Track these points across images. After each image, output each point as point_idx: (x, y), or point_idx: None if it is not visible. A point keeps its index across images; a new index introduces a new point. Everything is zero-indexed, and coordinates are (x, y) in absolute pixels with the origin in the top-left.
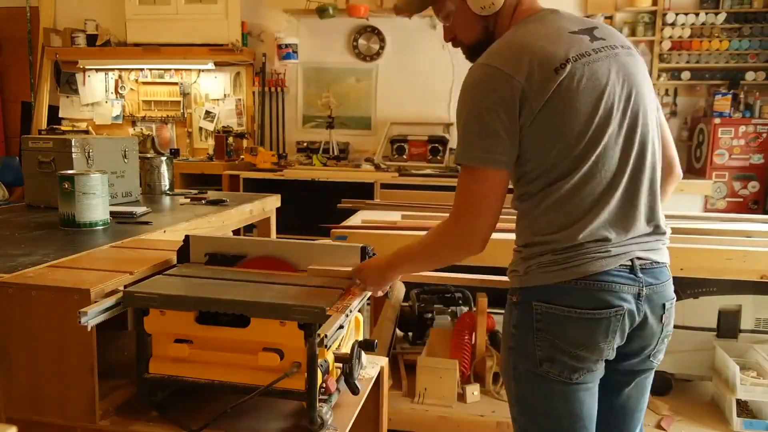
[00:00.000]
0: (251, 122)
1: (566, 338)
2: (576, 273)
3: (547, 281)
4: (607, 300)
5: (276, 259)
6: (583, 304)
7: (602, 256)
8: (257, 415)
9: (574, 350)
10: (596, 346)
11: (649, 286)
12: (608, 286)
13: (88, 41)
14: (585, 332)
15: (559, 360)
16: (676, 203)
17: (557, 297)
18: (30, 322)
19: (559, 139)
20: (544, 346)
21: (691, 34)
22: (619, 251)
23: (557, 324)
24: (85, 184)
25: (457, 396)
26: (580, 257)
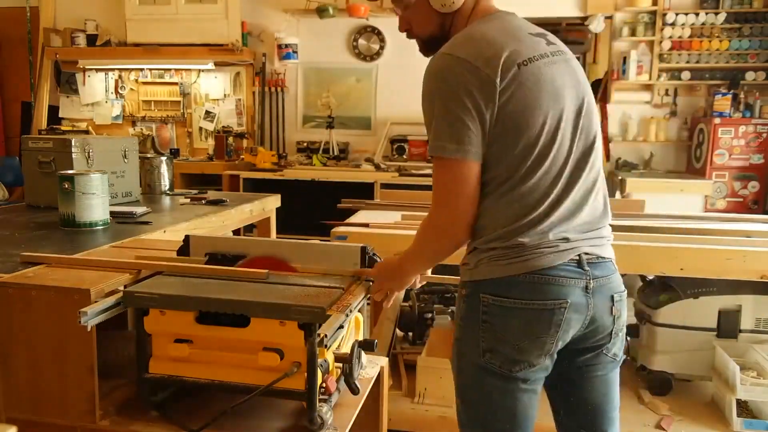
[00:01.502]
0: (251, 122)
1: (509, 329)
2: (524, 267)
3: (496, 274)
4: (552, 292)
5: (276, 259)
6: (529, 296)
7: (551, 251)
8: (257, 415)
9: (517, 341)
10: (538, 338)
11: (596, 279)
12: (554, 279)
13: (88, 41)
14: (528, 323)
15: (500, 351)
16: (677, 203)
17: (504, 289)
18: (30, 322)
19: (518, 135)
20: (487, 338)
21: (691, 34)
22: (568, 246)
23: (502, 315)
24: (85, 184)
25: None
26: (528, 252)
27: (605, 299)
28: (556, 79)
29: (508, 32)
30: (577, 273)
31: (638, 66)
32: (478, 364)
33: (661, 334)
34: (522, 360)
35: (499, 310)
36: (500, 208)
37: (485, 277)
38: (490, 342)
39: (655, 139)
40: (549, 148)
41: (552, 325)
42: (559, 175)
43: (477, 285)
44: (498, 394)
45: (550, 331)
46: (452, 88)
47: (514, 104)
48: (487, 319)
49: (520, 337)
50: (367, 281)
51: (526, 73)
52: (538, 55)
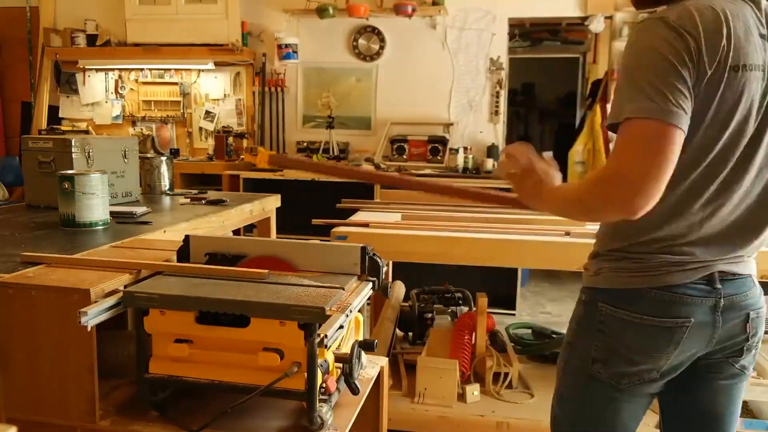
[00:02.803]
0: (251, 122)
1: (624, 342)
2: (648, 281)
3: (618, 285)
4: (675, 310)
5: (276, 259)
6: (650, 311)
7: (680, 268)
8: (257, 415)
9: (630, 355)
10: (653, 354)
11: (727, 297)
12: (679, 297)
13: (88, 41)
14: (646, 339)
15: (611, 363)
16: None
17: (624, 301)
18: (30, 322)
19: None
20: (600, 347)
21: None
22: (700, 264)
23: (619, 327)
24: (85, 184)
25: (457, 396)
26: (657, 267)
27: (738, 317)
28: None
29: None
30: (706, 291)
31: None
32: (586, 371)
33: None
34: (633, 373)
35: (616, 321)
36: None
37: (605, 286)
38: (602, 352)
39: None
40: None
41: (671, 343)
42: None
43: (596, 292)
44: (600, 404)
45: (668, 348)
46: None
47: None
48: (603, 329)
49: (634, 351)
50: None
51: (733, 78)
52: (754, 64)
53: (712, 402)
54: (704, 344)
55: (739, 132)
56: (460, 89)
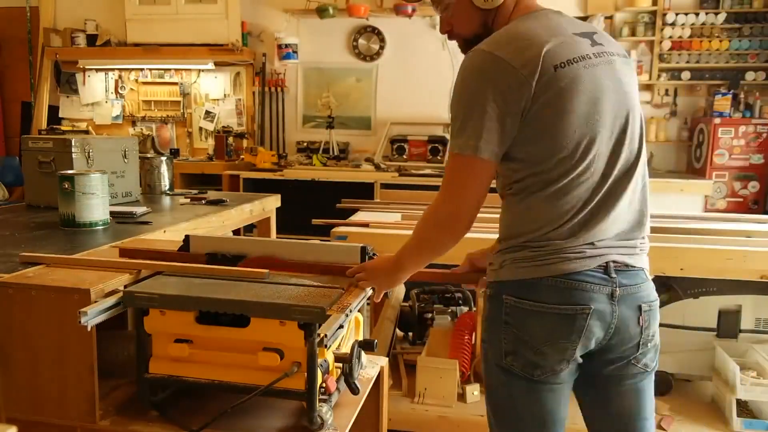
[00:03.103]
0: (251, 122)
1: (531, 333)
2: (549, 271)
3: (519, 276)
4: (575, 298)
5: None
6: (552, 299)
7: (577, 257)
8: (257, 415)
9: (538, 345)
10: (559, 342)
11: (623, 287)
12: (579, 285)
13: (88, 41)
14: (550, 328)
15: (522, 354)
16: (677, 203)
17: (526, 292)
18: (30, 322)
19: (552, 139)
20: (509, 340)
21: (691, 34)
22: (595, 253)
23: (524, 318)
24: (85, 184)
25: (457, 396)
26: (554, 256)
27: (632, 308)
28: (597, 83)
29: (551, 32)
30: (603, 280)
31: (638, 66)
32: (501, 365)
33: (661, 334)
34: (543, 365)
35: (521, 312)
36: (530, 211)
37: (508, 278)
38: (512, 344)
39: (655, 139)
40: (584, 154)
41: (574, 330)
42: (593, 182)
43: (501, 286)
44: (522, 396)
45: (572, 336)
46: (483, 86)
47: (548, 107)
48: (509, 321)
49: (540, 341)
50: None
51: (562, 76)
52: (578, 56)
53: (623, 403)
54: (603, 333)
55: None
56: None
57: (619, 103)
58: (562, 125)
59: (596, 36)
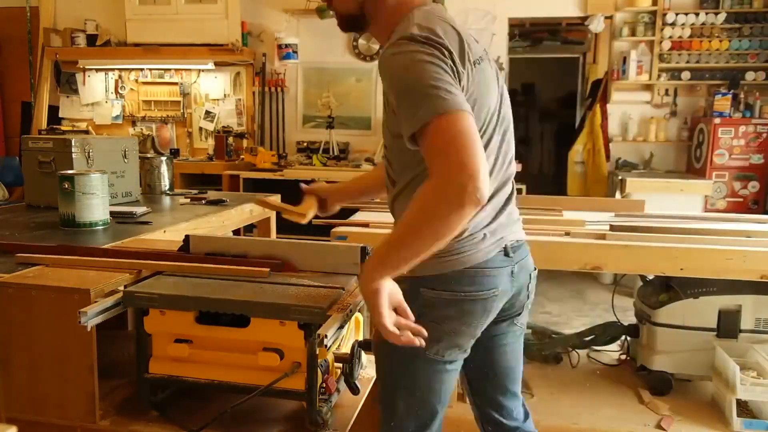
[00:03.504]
0: (251, 122)
1: (446, 319)
2: (460, 263)
3: (436, 271)
4: (486, 283)
5: (276, 259)
6: (466, 288)
7: (485, 246)
8: (257, 415)
9: (452, 330)
10: (472, 324)
11: (518, 263)
12: (488, 271)
13: (88, 41)
14: (464, 312)
15: (436, 339)
16: (677, 203)
17: (442, 284)
18: (30, 322)
19: None
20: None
21: (691, 34)
22: (496, 238)
23: (439, 307)
24: (85, 184)
25: (457, 396)
26: (463, 249)
27: (525, 278)
28: (492, 80)
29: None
30: (506, 261)
31: (638, 66)
32: (412, 353)
33: (661, 334)
34: (455, 346)
35: (436, 302)
36: None
37: (423, 274)
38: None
39: (655, 139)
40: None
41: (485, 311)
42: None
43: (415, 281)
44: (426, 378)
45: (482, 317)
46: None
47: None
48: (425, 312)
49: (456, 325)
50: None
51: (478, 72)
52: (481, 56)
53: (504, 358)
54: (503, 306)
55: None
56: None
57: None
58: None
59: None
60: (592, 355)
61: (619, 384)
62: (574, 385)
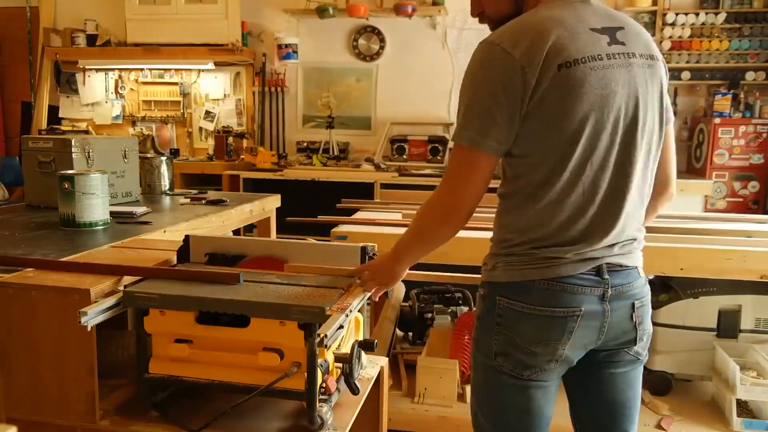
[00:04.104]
0: (251, 122)
1: (522, 334)
2: (542, 274)
3: (512, 278)
4: (566, 300)
5: (276, 259)
6: (543, 302)
7: (570, 261)
8: (257, 415)
9: (529, 347)
10: (550, 344)
11: (615, 287)
12: (570, 288)
13: (88, 41)
14: (541, 329)
15: (512, 355)
16: (676, 203)
17: (519, 294)
18: (30, 322)
19: (550, 140)
20: (500, 340)
21: (691, 34)
22: (589, 256)
23: (516, 319)
24: (85, 184)
25: (457, 396)
26: (548, 259)
27: (625, 306)
28: (604, 85)
29: (566, 26)
30: (594, 282)
31: None
32: (490, 365)
33: (661, 334)
34: (534, 365)
35: (513, 313)
36: (525, 213)
37: (501, 280)
38: (502, 345)
39: None
40: (580, 157)
41: (564, 332)
42: (588, 186)
43: (494, 287)
44: (510, 393)
45: (563, 338)
46: (487, 79)
47: (547, 108)
48: (501, 322)
49: (531, 342)
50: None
51: (565, 76)
52: (588, 56)
53: (613, 389)
54: (596, 333)
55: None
56: None
57: (627, 110)
58: (559, 127)
59: (620, 33)
60: None
61: None
62: None
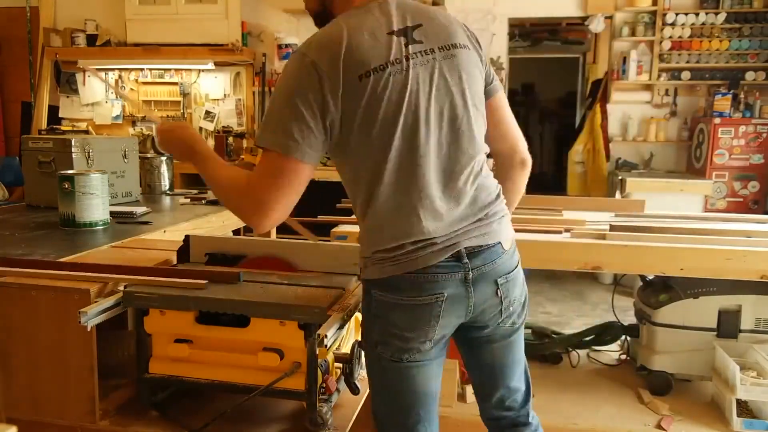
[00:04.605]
0: (251, 122)
1: (395, 323)
2: (404, 268)
3: (380, 275)
4: (429, 288)
5: (276, 259)
6: (409, 293)
7: (428, 252)
8: (257, 415)
9: (402, 333)
10: (421, 329)
11: (476, 269)
12: (432, 277)
13: (88, 41)
14: (411, 317)
15: (389, 342)
16: (677, 203)
17: (388, 287)
18: (30, 322)
19: (363, 147)
20: (379, 330)
21: (691, 34)
22: (446, 244)
23: (388, 310)
24: (85, 184)
25: (457, 396)
26: (407, 255)
27: (488, 285)
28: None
29: (366, 33)
30: (455, 267)
31: (638, 66)
32: (374, 354)
33: (661, 334)
34: (410, 348)
35: (385, 305)
36: (372, 218)
37: (374, 277)
38: (381, 334)
39: (655, 139)
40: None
41: (432, 316)
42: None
43: (368, 283)
44: (393, 376)
45: (431, 322)
46: (297, 86)
47: (356, 116)
48: (378, 314)
49: (404, 329)
50: None
51: (366, 85)
52: (384, 63)
53: (493, 357)
54: (464, 312)
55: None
56: None
57: (428, 104)
58: (369, 134)
59: (417, 31)
60: (592, 355)
61: (619, 384)
62: (574, 385)
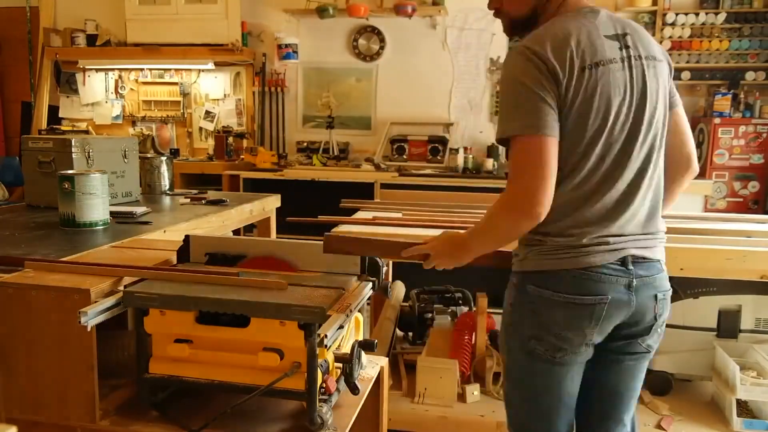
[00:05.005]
0: (251, 122)
1: (553, 320)
2: (570, 264)
3: (543, 267)
4: (594, 289)
5: (276, 259)
6: (573, 290)
7: (597, 251)
8: (257, 415)
9: (560, 331)
10: (580, 329)
11: (639, 278)
12: (597, 277)
13: (88, 41)
14: (571, 316)
15: (545, 339)
16: (677, 203)
17: (549, 282)
18: (30, 322)
19: (572, 136)
20: (534, 325)
21: (691, 34)
22: (615, 247)
23: (547, 306)
24: (85, 184)
25: (457, 396)
26: (576, 250)
27: (648, 297)
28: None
29: (587, 34)
30: (621, 272)
31: None
32: (525, 348)
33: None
34: (565, 348)
35: (544, 301)
36: (555, 204)
37: (533, 269)
38: (536, 329)
39: None
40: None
41: (593, 318)
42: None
43: (525, 276)
44: (543, 375)
45: (591, 324)
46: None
47: (572, 106)
48: (534, 309)
49: (563, 328)
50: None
51: (588, 77)
52: (606, 59)
53: (619, 379)
54: (622, 318)
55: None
56: (460, 89)
57: (636, 106)
58: (582, 124)
59: (628, 37)
60: None
61: None
62: None
